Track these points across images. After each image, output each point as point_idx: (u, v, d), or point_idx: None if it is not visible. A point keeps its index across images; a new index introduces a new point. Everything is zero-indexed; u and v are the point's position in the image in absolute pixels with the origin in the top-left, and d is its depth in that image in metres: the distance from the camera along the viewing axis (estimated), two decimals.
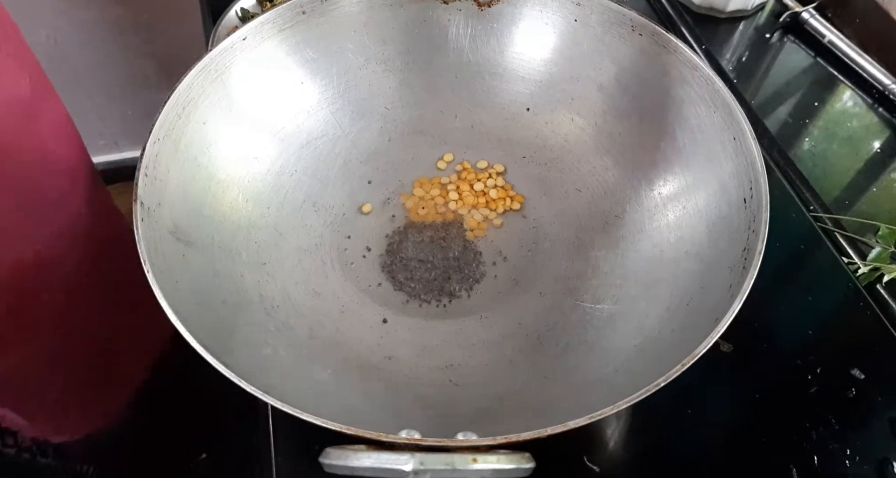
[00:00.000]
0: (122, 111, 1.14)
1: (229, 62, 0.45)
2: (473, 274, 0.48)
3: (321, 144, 0.51)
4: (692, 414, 0.44)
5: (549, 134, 0.52)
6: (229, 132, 0.46)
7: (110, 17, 1.00)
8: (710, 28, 0.69)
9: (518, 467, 0.29)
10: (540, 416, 0.38)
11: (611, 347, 0.42)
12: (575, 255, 0.48)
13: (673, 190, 0.46)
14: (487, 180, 0.52)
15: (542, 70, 0.51)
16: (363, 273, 0.47)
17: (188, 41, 1.02)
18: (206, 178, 0.44)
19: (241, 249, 0.44)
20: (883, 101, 0.63)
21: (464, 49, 0.52)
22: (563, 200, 0.51)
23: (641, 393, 0.31)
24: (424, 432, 0.30)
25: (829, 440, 0.42)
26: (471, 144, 0.54)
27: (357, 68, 0.51)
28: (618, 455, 0.43)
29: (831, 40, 0.66)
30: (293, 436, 0.42)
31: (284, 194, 0.48)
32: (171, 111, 0.41)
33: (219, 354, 0.32)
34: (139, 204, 0.37)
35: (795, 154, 0.59)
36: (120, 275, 0.57)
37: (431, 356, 0.43)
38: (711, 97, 0.43)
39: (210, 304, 0.39)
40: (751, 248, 0.37)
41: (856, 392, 0.44)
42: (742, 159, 0.41)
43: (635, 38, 0.47)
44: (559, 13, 0.49)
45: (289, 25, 0.47)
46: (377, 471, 0.29)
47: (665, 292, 0.42)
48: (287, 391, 0.34)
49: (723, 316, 0.34)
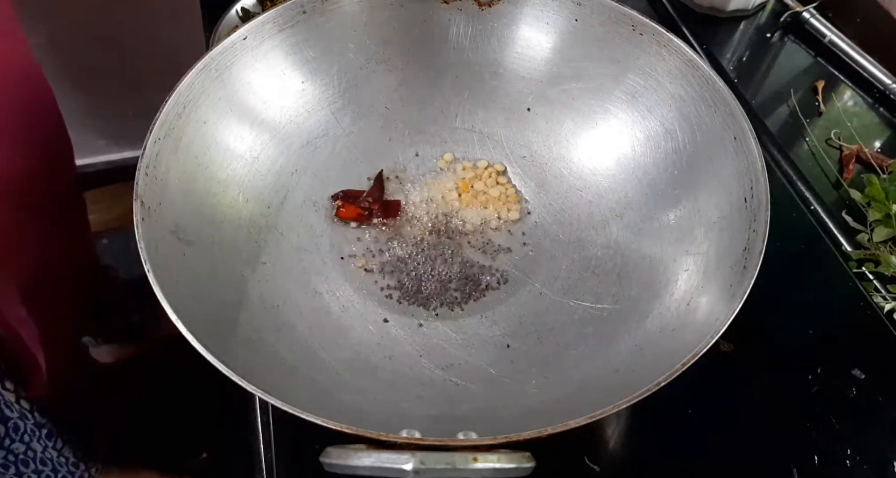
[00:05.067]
0: (123, 111, 1.14)
1: (230, 62, 0.45)
2: (474, 274, 0.48)
3: (322, 144, 0.51)
4: (692, 414, 0.44)
5: (549, 134, 0.52)
6: (230, 132, 0.46)
7: (110, 17, 1.00)
8: (710, 28, 0.69)
9: (518, 466, 0.29)
10: (540, 416, 0.38)
11: (611, 347, 0.42)
12: (575, 255, 0.48)
13: (673, 190, 0.46)
14: (487, 180, 0.52)
15: (542, 70, 0.51)
16: (363, 273, 0.47)
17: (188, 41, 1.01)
18: (206, 177, 0.44)
19: (242, 249, 0.44)
20: (883, 100, 0.63)
21: (464, 49, 0.52)
22: (563, 199, 0.51)
23: (641, 393, 0.31)
24: (425, 431, 0.30)
25: (829, 440, 0.42)
26: (471, 144, 0.54)
27: (358, 68, 0.51)
28: (618, 455, 0.43)
29: (832, 40, 0.66)
30: (293, 436, 0.42)
31: (285, 194, 0.48)
32: (172, 111, 0.41)
33: (219, 354, 0.32)
34: (139, 203, 0.37)
35: (795, 154, 0.59)
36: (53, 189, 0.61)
37: (432, 356, 0.43)
38: (712, 97, 0.43)
39: (210, 303, 0.39)
40: (751, 247, 0.37)
41: (856, 392, 0.44)
42: (742, 159, 0.41)
43: (636, 37, 0.47)
44: (560, 13, 0.49)
45: (289, 25, 0.47)
46: (377, 470, 0.29)
47: (665, 292, 0.42)
48: (287, 391, 0.34)
49: (723, 316, 0.34)
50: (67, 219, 0.75)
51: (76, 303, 0.79)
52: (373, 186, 0.51)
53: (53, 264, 0.68)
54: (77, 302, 0.79)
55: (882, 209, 0.52)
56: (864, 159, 0.58)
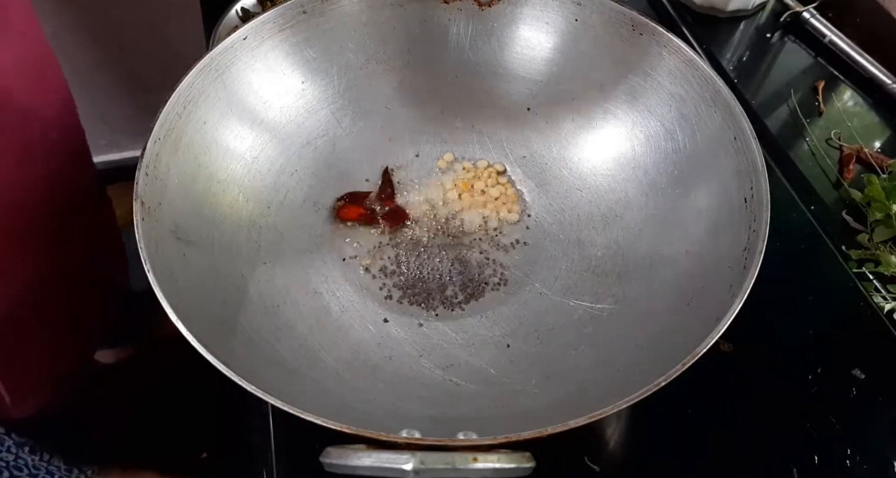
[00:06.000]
0: (123, 111, 1.14)
1: (230, 62, 0.45)
2: (474, 274, 0.48)
3: (321, 144, 0.51)
4: (692, 414, 0.44)
5: (549, 134, 0.52)
6: (230, 132, 0.46)
7: (111, 17, 1.00)
8: (710, 27, 0.69)
9: (518, 466, 0.29)
10: (540, 416, 0.38)
11: (611, 348, 0.42)
12: (575, 255, 0.48)
13: (673, 190, 0.46)
14: (488, 180, 0.52)
15: (542, 70, 0.51)
16: (363, 273, 0.47)
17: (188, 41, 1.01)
18: (206, 177, 0.44)
19: (242, 249, 0.44)
20: (883, 100, 0.63)
21: (464, 48, 0.52)
22: (563, 199, 0.51)
23: (641, 393, 0.31)
24: (425, 431, 0.30)
25: (829, 440, 0.42)
26: (471, 144, 0.54)
27: (357, 68, 0.51)
28: (618, 455, 0.43)
29: (832, 40, 0.66)
30: (293, 436, 0.42)
31: (285, 194, 0.48)
32: (172, 111, 0.41)
33: (219, 354, 0.32)
34: (139, 203, 0.37)
35: (795, 154, 0.59)
36: (85, 231, 0.59)
37: (432, 356, 0.43)
38: (712, 97, 0.43)
39: (210, 303, 0.39)
40: (751, 247, 0.37)
41: (856, 392, 0.44)
42: (742, 159, 0.41)
43: (636, 37, 0.47)
44: (560, 13, 0.49)
45: (289, 25, 0.47)
46: (378, 470, 0.29)
47: (665, 292, 0.42)
48: (287, 391, 0.34)
49: (723, 316, 0.34)
50: (89, 216, 0.73)
51: (97, 306, 0.77)
52: (381, 187, 0.51)
53: (73, 266, 0.66)
54: (98, 305, 0.77)
55: (882, 209, 0.52)
56: (864, 159, 0.58)
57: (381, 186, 0.51)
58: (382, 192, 0.50)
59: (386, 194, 0.50)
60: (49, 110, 0.59)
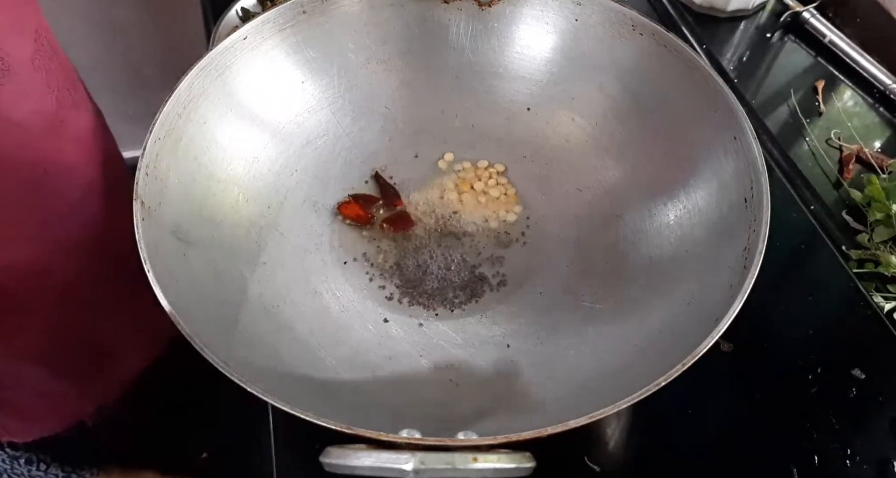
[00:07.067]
0: (123, 111, 1.14)
1: (230, 62, 0.45)
2: (474, 274, 0.48)
3: (322, 144, 0.51)
4: (692, 414, 0.44)
5: (549, 134, 0.52)
6: (230, 132, 0.46)
7: (111, 17, 1.00)
8: (710, 27, 0.69)
9: (518, 466, 0.29)
10: (540, 416, 0.38)
11: (611, 347, 0.42)
12: (575, 255, 0.48)
13: (673, 190, 0.46)
14: (488, 180, 0.52)
15: (542, 70, 0.51)
16: (363, 273, 0.47)
17: (188, 41, 1.01)
18: (206, 177, 0.44)
19: (242, 249, 0.44)
20: (883, 100, 0.63)
21: (464, 48, 0.52)
22: (563, 199, 0.51)
23: (641, 393, 0.31)
24: (425, 431, 0.30)
25: (829, 440, 0.42)
26: (471, 144, 0.54)
27: (358, 68, 0.51)
28: (618, 455, 0.43)
29: (832, 40, 0.66)
30: (293, 436, 0.42)
31: (285, 194, 0.48)
32: (172, 110, 0.41)
33: (219, 354, 0.32)
34: (139, 203, 0.37)
35: (795, 154, 0.59)
36: (121, 284, 0.56)
37: (432, 356, 0.43)
38: (712, 97, 0.43)
39: (210, 303, 0.39)
40: (751, 247, 0.37)
41: (856, 392, 0.44)
42: (743, 159, 0.41)
43: (636, 37, 0.47)
44: (560, 13, 0.49)
45: (289, 25, 0.47)
46: (378, 470, 0.29)
47: (665, 292, 0.42)
48: (287, 391, 0.34)
49: (723, 316, 0.34)
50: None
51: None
52: (380, 192, 0.51)
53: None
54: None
55: (882, 209, 0.52)
56: (864, 159, 0.58)
57: (381, 191, 0.51)
58: (384, 195, 0.50)
59: (391, 196, 0.50)
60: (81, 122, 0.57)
